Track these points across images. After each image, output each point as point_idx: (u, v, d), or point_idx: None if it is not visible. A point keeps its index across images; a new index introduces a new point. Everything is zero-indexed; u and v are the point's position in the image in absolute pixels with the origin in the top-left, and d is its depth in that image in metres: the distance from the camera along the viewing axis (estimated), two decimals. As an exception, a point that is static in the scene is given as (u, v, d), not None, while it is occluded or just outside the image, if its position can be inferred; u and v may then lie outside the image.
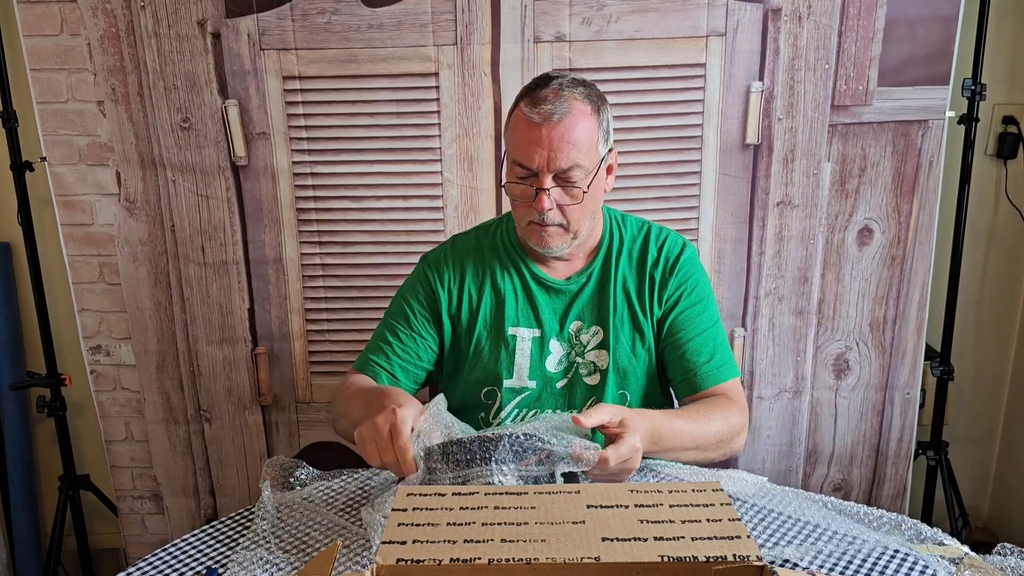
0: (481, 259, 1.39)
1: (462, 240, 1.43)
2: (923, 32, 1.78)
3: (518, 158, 1.24)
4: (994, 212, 2.12)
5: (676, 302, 1.34)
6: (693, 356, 1.32)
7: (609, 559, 0.66)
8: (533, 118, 1.20)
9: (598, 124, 1.24)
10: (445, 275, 1.38)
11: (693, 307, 1.34)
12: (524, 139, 1.22)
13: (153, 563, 1.00)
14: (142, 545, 2.11)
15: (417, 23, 1.77)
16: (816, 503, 1.11)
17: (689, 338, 1.33)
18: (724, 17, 1.77)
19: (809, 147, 1.85)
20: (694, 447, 1.21)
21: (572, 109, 1.21)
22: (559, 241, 1.28)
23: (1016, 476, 2.16)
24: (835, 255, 1.91)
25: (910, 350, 1.96)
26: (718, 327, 1.36)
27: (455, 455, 0.98)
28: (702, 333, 1.33)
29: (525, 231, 1.30)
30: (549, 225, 1.26)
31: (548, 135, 1.20)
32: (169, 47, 1.79)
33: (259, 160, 1.86)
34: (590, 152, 1.23)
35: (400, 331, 1.37)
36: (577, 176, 1.22)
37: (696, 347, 1.32)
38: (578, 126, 1.21)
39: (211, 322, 1.95)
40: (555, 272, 1.36)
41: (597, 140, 1.24)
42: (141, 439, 2.03)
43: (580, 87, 1.24)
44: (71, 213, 1.90)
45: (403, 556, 0.67)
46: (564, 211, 1.25)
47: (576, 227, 1.27)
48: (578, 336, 1.35)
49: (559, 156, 1.20)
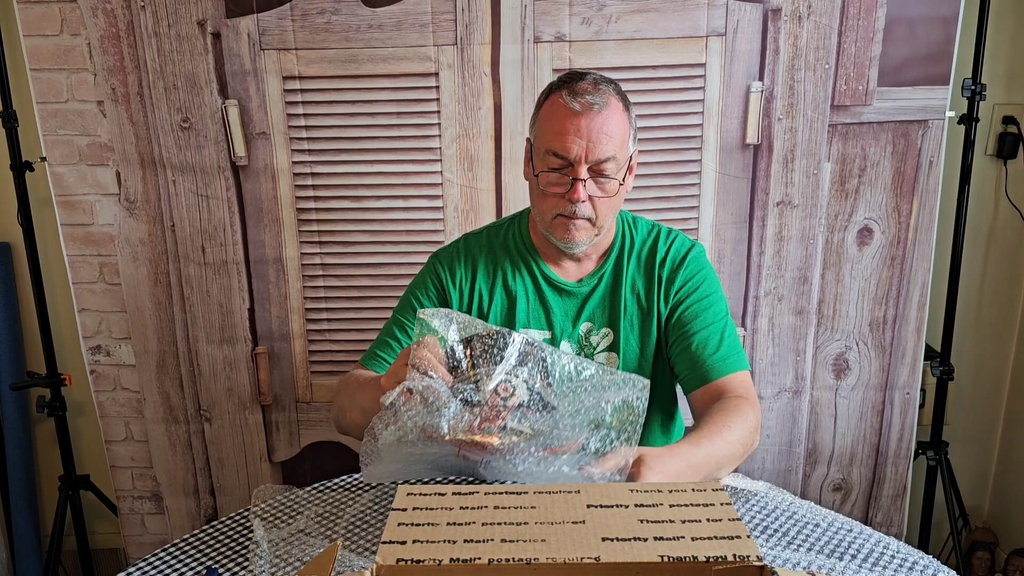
0: (493, 259, 1.38)
1: (474, 239, 1.42)
2: (923, 32, 1.78)
3: (554, 147, 1.23)
4: (994, 212, 2.12)
5: (684, 297, 1.33)
6: (700, 348, 1.30)
7: (609, 559, 0.66)
8: (574, 107, 1.20)
9: (629, 121, 1.26)
10: (457, 273, 1.37)
11: (701, 301, 1.34)
12: (562, 128, 1.21)
13: (153, 563, 1.00)
14: (142, 545, 2.11)
15: (417, 23, 1.77)
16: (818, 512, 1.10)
17: (696, 331, 1.31)
18: (724, 17, 1.77)
19: (809, 147, 1.85)
20: (728, 463, 1.17)
21: (609, 102, 1.22)
22: (585, 235, 1.28)
23: (1016, 476, 2.16)
24: (835, 255, 1.91)
25: (910, 350, 1.96)
26: (727, 321, 1.35)
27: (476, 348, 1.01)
28: (709, 326, 1.32)
29: (551, 224, 1.28)
30: (579, 218, 1.25)
31: (588, 125, 1.20)
32: (169, 47, 1.79)
33: (259, 160, 1.86)
34: (623, 146, 1.24)
35: (408, 327, 1.35)
36: (611, 169, 1.23)
37: (703, 339, 1.31)
38: (614, 119, 1.22)
39: (211, 322, 1.95)
40: (566, 274, 1.36)
41: (629, 136, 1.26)
42: (141, 439, 2.03)
43: (613, 84, 1.26)
44: (71, 213, 1.90)
45: (403, 556, 0.67)
46: (594, 204, 1.25)
47: (602, 222, 1.27)
48: (588, 338, 1.35)
49: (597, 147, 1.21)
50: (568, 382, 1.05)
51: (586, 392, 1.04)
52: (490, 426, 0.98)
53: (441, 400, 0.98)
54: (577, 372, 1.06)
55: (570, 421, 1.00)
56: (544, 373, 1.04)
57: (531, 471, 0.98)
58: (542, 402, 1.02)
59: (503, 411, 0.99)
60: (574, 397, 1.03)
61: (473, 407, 0.99)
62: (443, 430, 0.97)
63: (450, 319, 1.07)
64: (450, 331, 1.04)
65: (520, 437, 0.98)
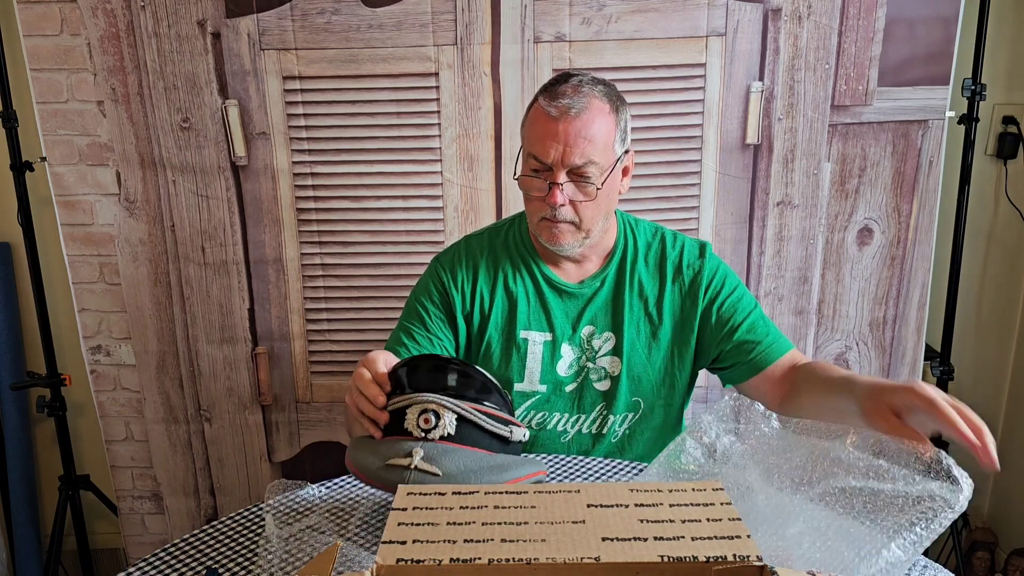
0: (494, 260, 1.37)
1: (475, 240, 1.42)
2: (923, 32, 1.78)
3: (534, 151, 1.23)
4: (994, 212, 2.12)
5: (716, 295, 1.33)
6: (751, 336, 1.31)
7: (609, 559, 0.66)
8: (551, 112, 1.20)
9: (615, 123, 1.24)
10: (458, 275, 1.37)
11: (732, 294, 1.34)
12: (541, 132, 1.22)
13: (153, 563, 1.00)
14: (142, 545, 2.11)
15: (417, 23, 1.77)
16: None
17: (740, 321, 1.32)
18: (724, 17, 1.77)
19: (809, 147, 1.85)
20: None
21: (590, 106, 1.21)
22: (570, 239, 1.27)
23: (1016, 476, 2.16)
24: (835, 255, 1.91)
25: (910, 350, 1.96)
26: (759, 308, 1.36)
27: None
28: (750, 315, 1.33)
29: (537, 227, 1.29)
30: (561, 221, 1.25)
31: (565, 130, 1.20)
32: (169, 47, 1.79)
33: (259, 160, 1.86)
34: (606, 150, 1.23)
35: (416, 333, 1.34)
36: (591, 173, 1.22)
37: (749, 327, 1.32)
38: (595, 123, 1.21)
39: (211, 322, 1.95)
40: (567, 275, 1.35)
41: (613, 139, 1.24)
42: (141, 439, 2.03)
43: (600, 85, 1.24)
44: (71, 213, 1.90)
45: (403, 556, 0.67)
46: (577, 208, 1.24)
47: (588, 226, 1.27)
48: (590, 341, 1.34)
49: (574, 151, 1.20)
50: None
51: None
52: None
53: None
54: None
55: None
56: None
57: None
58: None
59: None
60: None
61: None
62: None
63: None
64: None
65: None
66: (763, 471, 0.98)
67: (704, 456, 1.02)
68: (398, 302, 1.89)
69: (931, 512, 0.88)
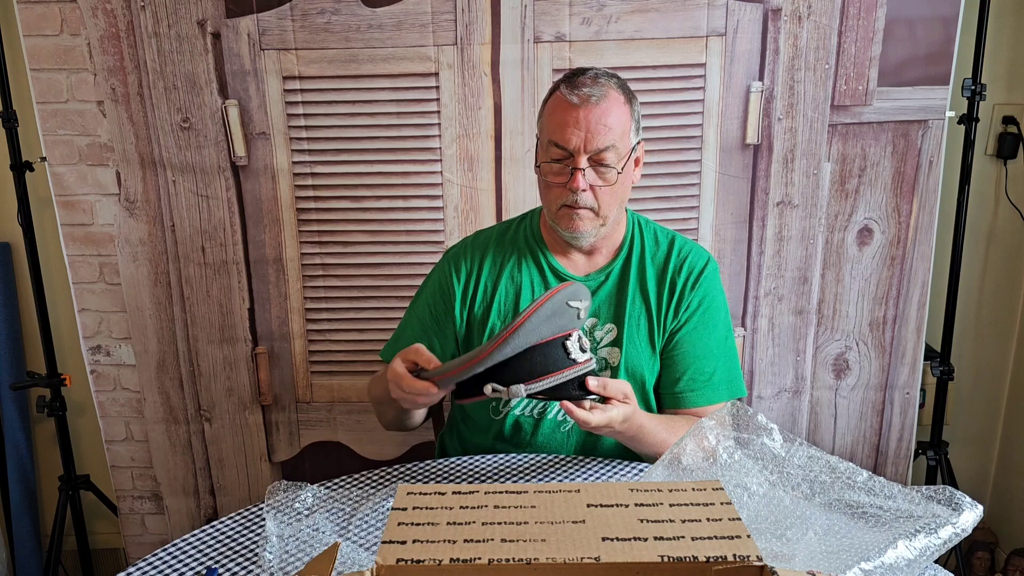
0: (501, 251, 1.42)
1: (484, 233, 1.47)
2: (923, 32, 1.78)
3: (555, 138, 1.27)
4: (994, 212, 2.12)
5: (689, 317, 1.36)
6: (685, 375, 1.36)
7: (609, 559, 0.66)
8: (572, 99, 1.25)
9: (630, 114, 1.29)
10: (462, 268, 1.41)
11: (704, 325, 1.36)
12: (562, 120, 1.26)
13: (153, 563, 1.00)
14: (142, 545, 2.11)
15: (417, 23, 1.77)
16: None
17: (687, 360, 1.36)
18: (724, 17, 1.77)
19: (809, 147, 1.85)
20: (654, 451, 1.25)
21: (608, 95, 1.26)
22: (590, 225, 1.30)
23: (1016, 476, 2.16)
24: (835, 255, 1.91)
25: (910, 350, 1.96)
26: (727, 346, 1.38)
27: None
28: (705, 353, 1.36)
29: (556, 215, 1.32)
30: (581, 208, 1.28)
31: (586, 116, 1.24)
32: (169, 47, 1.79)
33: (259, 160, 1.86)
34: (624, 137, 1.27)
35: (425, 325, 1.42)
36: (611, 158, 1.26)
37: (693, 370, 1.36)
38: (613, 111, 1.26)
39: (211, 322, 1.95)
40: (575, 267, 1.38)
41: (629, 128, 1.29)
42: (141, 439, 2.03)
43: (615, 79, 1.30)
44: (71, 213, 1.90)
45: (403, 556, 0.67)
46: (596, 194, 1.28)
47: (606, 212, 1.30)
48: (592, 332, 1.36)
49: (595, 137, 1.24)
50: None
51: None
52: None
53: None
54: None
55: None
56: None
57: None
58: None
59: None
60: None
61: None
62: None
63: None
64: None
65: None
66: (764, 475, 0.99)
67: (704, 460, 1.03)
68: (398, 302, 1.89)
69: (934, 524, 0.89)
